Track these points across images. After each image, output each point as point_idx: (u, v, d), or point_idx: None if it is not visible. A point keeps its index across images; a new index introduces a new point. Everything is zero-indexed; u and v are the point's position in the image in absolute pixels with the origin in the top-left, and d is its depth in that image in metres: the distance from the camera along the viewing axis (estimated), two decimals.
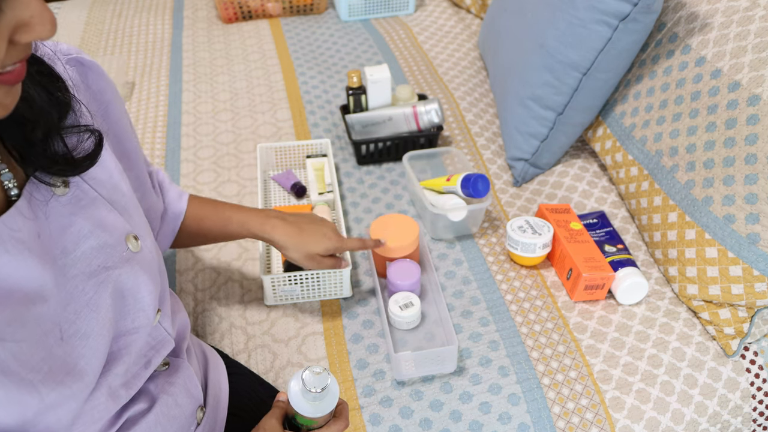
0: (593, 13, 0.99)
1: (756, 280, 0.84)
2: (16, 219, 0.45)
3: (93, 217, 0.53)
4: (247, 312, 0.95)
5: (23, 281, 0.45)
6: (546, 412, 0.82)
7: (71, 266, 0.50)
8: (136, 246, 0.57)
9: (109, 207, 0.55)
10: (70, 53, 0.58)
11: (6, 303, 0.43)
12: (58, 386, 0.47)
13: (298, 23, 1.69)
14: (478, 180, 1.00)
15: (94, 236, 0.52)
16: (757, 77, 0.84)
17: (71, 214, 0.51)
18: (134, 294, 0.56)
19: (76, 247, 0.51)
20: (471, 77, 1.46)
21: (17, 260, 0.45)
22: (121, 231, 0.56)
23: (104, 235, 0.53)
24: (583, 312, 0.94)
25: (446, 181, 1.05)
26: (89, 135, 0.53)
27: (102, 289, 0.52)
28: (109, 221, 0.54)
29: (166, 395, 0.62)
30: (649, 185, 1.00)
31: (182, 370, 0.66)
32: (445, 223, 1.04)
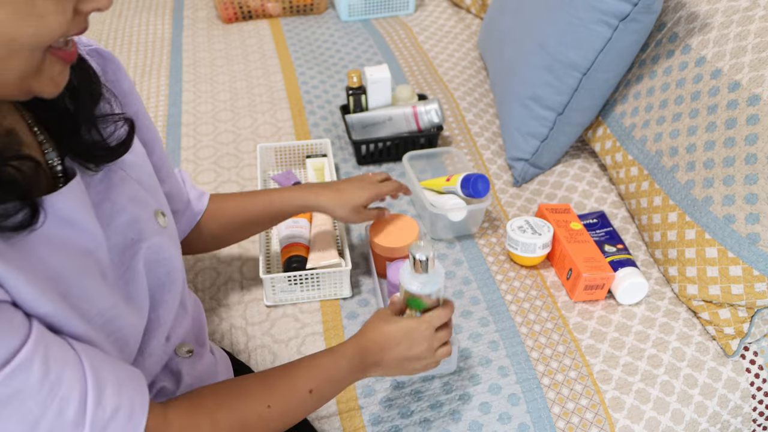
0: (593, 13, 0.99)
1: (756, 280, 0.84)
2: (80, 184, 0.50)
3: (125, 194, 0.56)
4: (247, 312, 0.95)
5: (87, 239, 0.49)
6: (546, 413, 0.82)
7: (109, 238, 0.53)
8: (164, 221, 0.61)
9: (137, 186, 0.58)
10: (90, 44, 0.60)
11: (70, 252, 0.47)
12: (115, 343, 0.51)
13: (298, 23, 1.69)
14: (478, 180, 1.00)
15: (127, 212, 0.55)
16: (757, 77, 0.84)
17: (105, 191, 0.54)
18: (167, 265, 0.60)
19: (111, 221, 0.54)
20: (471, 77, 1.46)
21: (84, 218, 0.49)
22: (150, 207, 0.59)
23: (136, 210, 0.57)
24: (583, 312, 0.94)
25: (446, 181, 1.05)
26: (123, 123, 0.57)
27: (136, 261, 0.55)
28: (139, 198, 0.58)
29: (190, 379, 0.66)
30: (649, 185, 1.00)
31: (205, 359, 0.69)
32: (444, 223, 1.04)
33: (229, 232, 0.84)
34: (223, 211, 0.82)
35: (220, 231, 0.83)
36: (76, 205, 0.48)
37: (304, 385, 0.61)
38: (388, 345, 0.67)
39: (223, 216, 0.82)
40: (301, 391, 0.61)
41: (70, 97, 0.51)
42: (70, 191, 0.48)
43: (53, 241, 0.46)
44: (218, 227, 0.82)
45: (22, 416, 0.41)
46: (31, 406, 0.41)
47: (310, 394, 0.61)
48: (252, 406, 0.56)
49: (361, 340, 0.68)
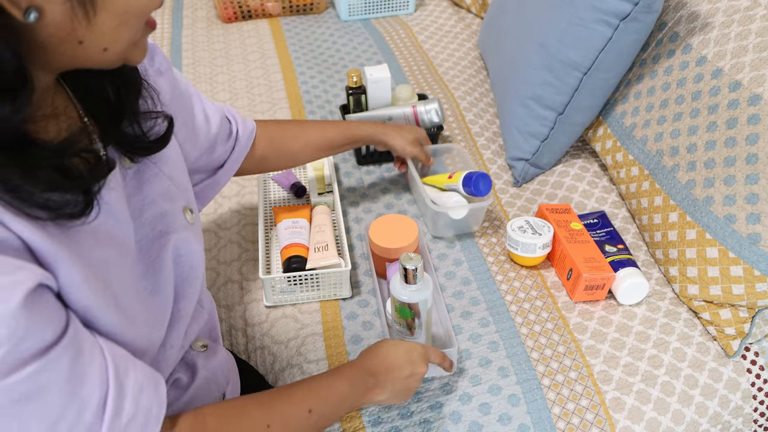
0: (594, 12, 0.99)
1: (757, 280, 0.84)
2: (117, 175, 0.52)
3: (155, 189, 0.58)
4: (247, 313, 0.95)
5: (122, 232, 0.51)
6: (546, 413, 0.82)
7: (138, 230, 0.55)
8: (191, 218, 0.63)
9: (168, 182, 0.60)
10: None
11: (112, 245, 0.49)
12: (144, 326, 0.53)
13: (298, 23, 1.69)
14: (480, 179, 1.00)
15: (157, 205, 0.57)
16: (758, 77, 0.84)
17: (137, 185, 0.56)
18: (190, 260, 0.62)
19: (141, 213, 0.56)
20: (471, 77, 1.45)
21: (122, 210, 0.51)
22: (179, 203, 0.62)
23: (165, 205, 0.58)
24: (584, 312, 0.94)
25: (448, 178, 1.05)
26: (162, 119, 0.59)
27: (164, 252, 0.57)
28: (169, 193, 0.60)
29: (205, 372, 0.67)
30: (649, 185, 1.00)
31: (218, 355, 0.71)
32: (446, 221, 1.04)
33: (308, 152, 0.94)
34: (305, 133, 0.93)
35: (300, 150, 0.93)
36: (116, 196, 0.51)
37: (303, 405, 0.61)
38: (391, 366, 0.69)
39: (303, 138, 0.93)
40: (300, 411, 0.61)
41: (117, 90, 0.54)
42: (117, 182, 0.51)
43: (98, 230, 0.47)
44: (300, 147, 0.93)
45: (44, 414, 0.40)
46: (54, 404, 0.41)
47: (310, 413, 0.61)
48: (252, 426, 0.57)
49: (362, 361, 0.69)
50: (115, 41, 0.44)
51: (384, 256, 0.95)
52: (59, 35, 0.41)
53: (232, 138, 0.83)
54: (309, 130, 0.94)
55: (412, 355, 0.71)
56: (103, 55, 0.44)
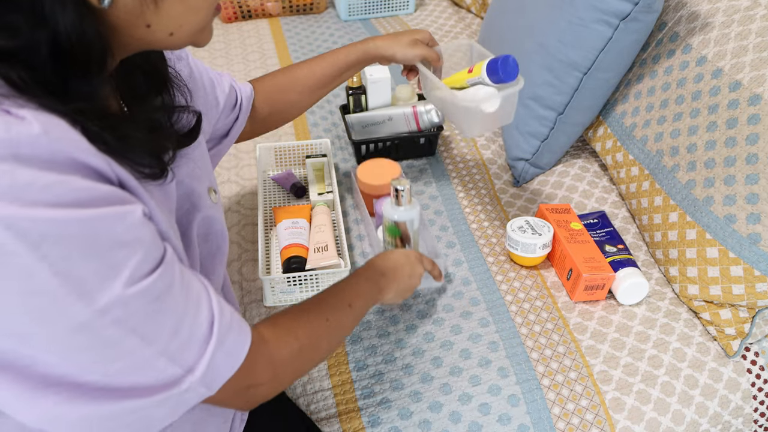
0: (594, 12, 0.99)
1: (757, 280, 0.84)
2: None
3: (182, 171, 0.59)
4: (247, 313, 0.95)
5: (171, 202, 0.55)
6: (546, 413, 0.82)
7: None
8: (215, 198, 0.66)
9: (193, 164, 0.62)
10: None
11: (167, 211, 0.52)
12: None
13: (298, 23, 1.69)
14: (506, 61, 0.87)
15: (184, 185, 0.59)
16: (758, 77, 0.84)
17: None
18: (217, 238, 0.65)
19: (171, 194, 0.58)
20: None
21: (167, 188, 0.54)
22: (204, 183, 0.64)
23: (193, 184, 0.61)
24: (584, 312, 0.94)
25: (468, 72, 0.92)
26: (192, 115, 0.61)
27: (191, 230, 0.60)
28: (194, 174, 0.62)
29: None
30: (649, 185, 1.00)
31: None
32: (479, 117, 0.89)
33: (305, 97, 0.92)
34: (296, 79, 0.91)
35: (297, 98, 0.92)
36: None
37: (345, 301, 0.70)
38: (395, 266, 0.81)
39: (297, 84, 0.91)
40: (344, 305, 0.70)
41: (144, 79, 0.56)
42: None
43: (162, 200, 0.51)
44: (296, 95, 0.92)
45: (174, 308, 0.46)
46: (179, 300, 0.46)
47: (350, 308, 0.70)
48: (317, 321, 0.64)
49: (373, 264, 0.80)
50: (180, 26, 0.47)
51: (371, 194, 1.06)
52: (130, 19, 0.44)
53: (237, 107, 0.85)
54: (298, 74, 0.92)
55: (410, 258, 0.84)
56: (170, 39, 0.48)
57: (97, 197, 0.41)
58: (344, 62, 0.91)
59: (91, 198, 0.40)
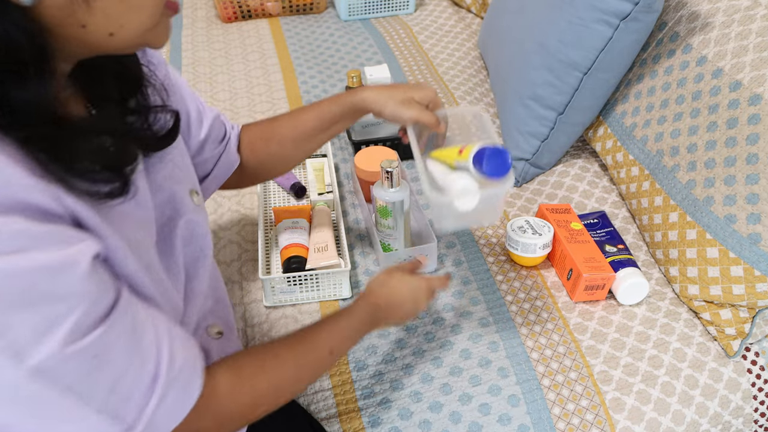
0: (594, 12, 0.98)
1: (757, 280, 0.84)
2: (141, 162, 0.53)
3: (161, 173, 0.58)
4: (247, 313, 0.95)
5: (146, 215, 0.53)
6: (546, 414, 0.82)
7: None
8: (198, 200, 0.64)
9: (172, 165, 0.61)
10: None
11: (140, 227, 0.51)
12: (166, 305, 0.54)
13: (298, 22, 1.69)
14: (495, 155, 0.72)
15: (165, 190, 0.58)
16: (759, 77, 0.84)
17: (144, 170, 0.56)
18: (200, 241, 0.63)
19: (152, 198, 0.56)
20: (471, 77, 1.45)
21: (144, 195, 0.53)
22: (185, 186, 0.62)
23: (173, 188, 0.59)
24: (584, 312, 0.94)
25: (458, 153, 0.78)
26: (169, 114, 0.59)
27: (174, 236, 0.58)
28: (175, 176, 0.60)
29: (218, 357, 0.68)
30: (650, 185, 1.00)
31: (232, 344, 0.72)
32: (450, 213, 0.77)
33: (287, 149, 0.84)
34: (277, 129, 0.83)
35: (278, 150, 0.84)
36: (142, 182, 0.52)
37: (325, 347, 0.65)
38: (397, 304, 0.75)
39: (278, 135, 0.83)
40: (323, 353, 0.65)
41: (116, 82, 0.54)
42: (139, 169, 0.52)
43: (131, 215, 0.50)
44: (277, 146, 0.83)
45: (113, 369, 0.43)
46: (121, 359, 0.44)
47: (330, 354, 0.66)
48: (284, 371, 0.60)
49: (372, 296, 0.74)
50: (121, 26, 0.44)
51: (368, 180, 1.07)
52: (62, 18, 0.41)
53: (225, 141, 0.80)
54: (281, 124, 0.83)
55: (416, 295, 0.77)
56: (110, 41, 0.44)
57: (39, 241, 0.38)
58: (329, 115, 0.80)
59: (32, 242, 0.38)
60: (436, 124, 0.77)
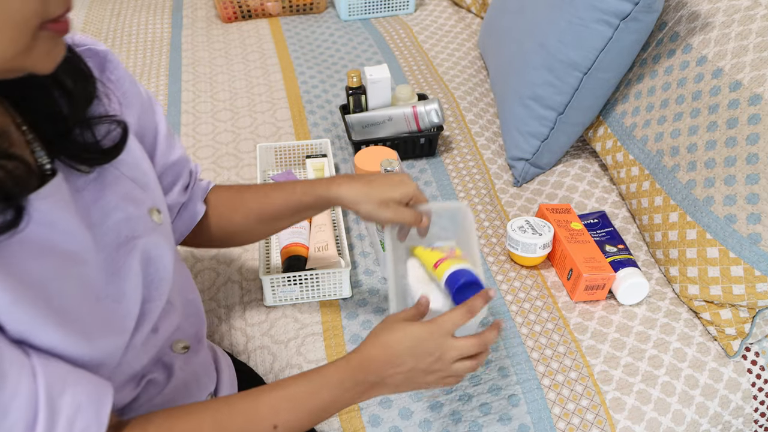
0: (594, 12, 0.99)
1: (757, 280, 0.84)
2: (62, 185, 0.49)
3: (118, 193, 0.55)
4: (247, 313, 0.95)
5: (69, 241, 0.48)
6: (546, 413, 0.82)
7: (102, 237, 0.53)
8: (159, 218, 0.61)
9: (132, 184, 0.58)
10: (84, 44, 0.59)
11: (54, 256, 0.47)
12: (103, 337, 0.51)
13: (298, 22, 1.69)
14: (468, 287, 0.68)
15: (120, 210, 0.55)
16: (759, 77, 0.84)
17: (98, 191, 0.54)
18: (158, 262, 0.59)
19: (105, 220, 0.53)
20: (471, 77, 1.45)
21: (65, 221, 0.48)
22: (145, 205, 0.59)
23: (130, 209, 0.56)
24: (584, 312, 0.94)
25: (434, 267, 0.73)
26: (116, 126, 0.56)
27: (131, 258, 0.55)
28: (132, 196, 0.57)
29: (183, 373, 0.66)
30: (650, 185, 1.00)
31: (200, 356, 0.69)
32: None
33: (251, 224, 0.77)
34: (244, 201, 0.77)
35: (242, 222, 0.77)
36: (58, 205, 0.48)
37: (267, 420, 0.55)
38: (391, 360, 0.59)
39: (244, 207, 0.77)
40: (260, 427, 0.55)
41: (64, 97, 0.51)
42: (51, 192, 0.47)
43: (33, 244, 0.45)
44: (241, 218, 0.77)
45: None
46: None
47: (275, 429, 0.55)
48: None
49: (356, 357, 0.60)
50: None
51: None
52: None
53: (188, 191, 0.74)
54: (248, 197, 0.77)
55: (419, 346, 0.59)
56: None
57: None
58: (299, 202, 0.74)
59: None
60: (416, 221, 0.72)
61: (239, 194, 0.78)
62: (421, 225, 0.72)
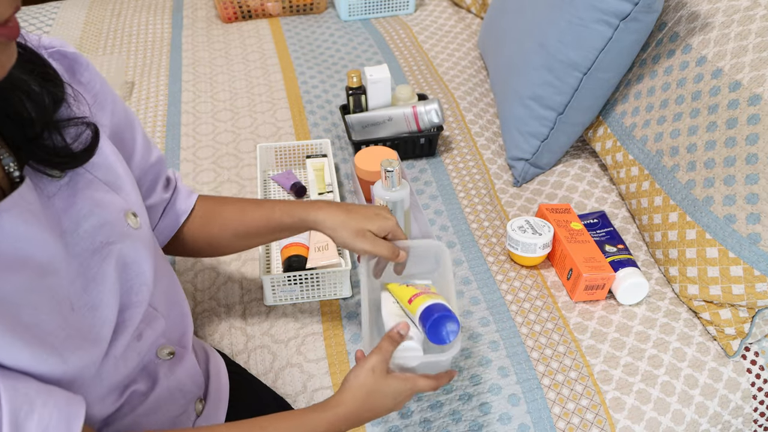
0: (594, 12, 0.99)
1: (757, 280, 0.84)
2: (29, 193, 0.48)
3: (91, 198, 0.54)
4: (247, 312, 0.95)
5: (37, 252, 0.47)
6: (546, 413, 0.82)
7: (75, 244, 0.52)
8: (135, 222, 0.59)
9: (105, 188, 0.57)
10: (52, 46, 0.57)
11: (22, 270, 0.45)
12: (77, 350, 0.49)
13: (298, 23, 1.69)
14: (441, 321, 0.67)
15: (94, 215, 0.54)
16: (758, 77, 0.84)
17: (70, 196, 0.53)
18: (136, 268, 0.58)
19: (78, 226, 0.53)
20: (471, 77, 1.45)
21: (32, 231, 0.47)
22: (120, 209, 0.57)
23: (104, 213, 0.55)
24: (584, 312, 0.94)
25: (408, 302, 0.71)
26: (86, 128, 0.55)
27: (106, 264, 0.54)
28: (106, 200, 0.56)
29: (167, 380, 0.64)
30: (649, 185, 1.00)
31: (186, 361, 0.68)
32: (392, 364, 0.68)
33: (226, 238, 0.77)
34: (222, 213, 0.77)
35: (218, 234, 0.77)
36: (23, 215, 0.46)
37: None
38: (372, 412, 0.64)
39: (221, 219, 0.77)
40: None
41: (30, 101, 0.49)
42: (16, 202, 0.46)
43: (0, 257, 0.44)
44: (218, 230, 0.77)
45: None
46: None
47: None
48: None
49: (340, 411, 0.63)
50: None
51: (368, 180, 1.06)
52: None
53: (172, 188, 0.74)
54: (226, 211, 0.77)
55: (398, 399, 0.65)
56: None
57: None
58: (277, 224, 0.75)
59: None
60: (393, 255, 0.72)
61: (219, 206, 0.78)
62: (398, 260, 0.72)
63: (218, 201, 0.79)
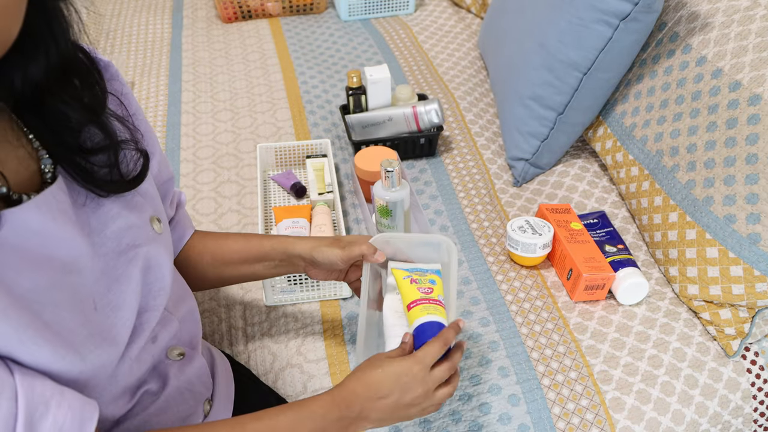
0: (594, 12, 0.99)
1: (757, 280, 0.84)
2: (60, 192, 0.49)
3: (120, 201, 0.55)
4: (247, 312, 0.95)
5: (63, 250, 0.48)
6: (546, 413, 0.82)
7: (102, 244, 0.53)
8: (159, 228, 0.61)
9: (133, 192, 0.58)
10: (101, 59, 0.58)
11: (47, 267, 0.46)
12: (96, 349, 0.50)
13: (298, 23, 1.69)
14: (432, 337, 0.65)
15: (122, 217, 0.55)
16: (758, 77, 0.84)
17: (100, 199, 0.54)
18: (158, 272, 0.59)
19: (105, 227, 0.54)
20: (471, 77, 1.45)
21: (61, 229, 0.48)
22: (147, 213, 0.59)
23: (131, 217, 0.56)
24: (584, 312, 0.94)
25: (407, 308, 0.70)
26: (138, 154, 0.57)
27: (132, 266, 0.55)
28: (135, 204, 0.57)
29: (177, 381, 0.65)
30: (649, 185, 1.00)
31: (195, 362, 0.69)
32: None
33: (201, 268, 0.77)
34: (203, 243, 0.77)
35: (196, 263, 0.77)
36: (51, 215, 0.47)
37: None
38: (374, 395, 0.59)
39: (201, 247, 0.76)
40: None
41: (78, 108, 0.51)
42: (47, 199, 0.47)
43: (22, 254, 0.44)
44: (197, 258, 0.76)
45: None
46: None
47: None
48: None
49: (340, 392, 0.60)
50: None
51: (368, 180, 1.07)
52: None
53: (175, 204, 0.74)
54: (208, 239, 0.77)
55: (401, 380, 0.59)
56: None
57: None
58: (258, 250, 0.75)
59: None
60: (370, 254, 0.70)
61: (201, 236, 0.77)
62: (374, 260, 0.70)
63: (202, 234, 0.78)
